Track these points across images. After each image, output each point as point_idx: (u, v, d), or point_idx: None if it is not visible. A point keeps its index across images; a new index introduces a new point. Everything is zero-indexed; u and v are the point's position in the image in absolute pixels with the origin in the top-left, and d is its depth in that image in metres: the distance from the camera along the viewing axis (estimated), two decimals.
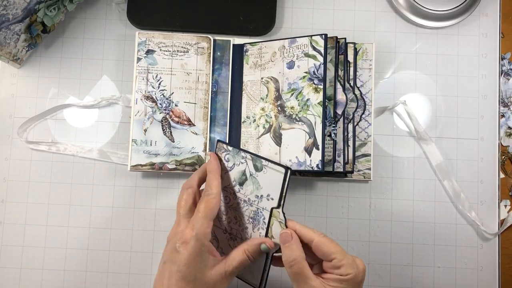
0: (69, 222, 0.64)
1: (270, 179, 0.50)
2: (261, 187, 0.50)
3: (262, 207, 0.50)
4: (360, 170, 0.62)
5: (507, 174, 0.65)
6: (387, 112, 0.65)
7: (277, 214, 0.49)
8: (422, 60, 0.66)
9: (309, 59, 0.59)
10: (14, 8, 0.57)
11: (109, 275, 0.63)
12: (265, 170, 0.50)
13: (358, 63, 0.63)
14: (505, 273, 0.63)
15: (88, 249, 0.63)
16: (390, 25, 0.67)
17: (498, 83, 0.66)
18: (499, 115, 0.65)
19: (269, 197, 0.50)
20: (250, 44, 0.63)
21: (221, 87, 0.63)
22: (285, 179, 0.49)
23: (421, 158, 0.65)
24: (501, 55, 0.66)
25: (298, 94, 0.59)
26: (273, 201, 0.50)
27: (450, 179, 0.63)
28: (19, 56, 0.63)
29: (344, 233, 0.64)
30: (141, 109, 0.62)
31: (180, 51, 0.63)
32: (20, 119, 0.65)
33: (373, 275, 0.63)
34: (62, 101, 0.65)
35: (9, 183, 0.64)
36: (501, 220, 0.64)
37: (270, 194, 0.50)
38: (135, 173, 0.64)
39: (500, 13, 0.67)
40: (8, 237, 0.63)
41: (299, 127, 0.59)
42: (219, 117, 0.63)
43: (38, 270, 0.63)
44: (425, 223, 0.64)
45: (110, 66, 0.66)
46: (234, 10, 0.65)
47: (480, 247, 0.63)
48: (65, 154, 0.64)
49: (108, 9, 0.67)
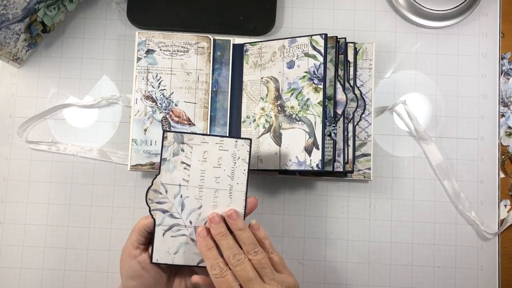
0: (69, 222, 0.64)
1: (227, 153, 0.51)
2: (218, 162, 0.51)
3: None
4: (360, 170, 0.62)
5: (507, 174, 0.65)
6: (387, 112, 0.65)
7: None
8: (422, 60, 0.66)
9: (309, 59, 0.59)
10: (14, 7, 0.57)
11: (109, 275, 0.63)
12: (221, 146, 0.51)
13: (358, 63, 0.63)
14: (505, 273, 0.63)
15: (88, 249, 0.63)
16: (390, 25, 0.67)
17: (498, 83, 0.66)
18: (499, 115, 0.65)
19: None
20: (250, 44, 0.63)
21: (221, 87, 0.63)
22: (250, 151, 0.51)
23: (421, 158, 0.65)
24: (501, 55, 0.66)
25: (298, 94, 0.59)
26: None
27: (450, 179, 0.63)
28: (19, 55, 0.63)
29: (344, 233, 0.64)
30: (141, 109, 0.62)
31: (180, 51, 0.63)
32: (20, 119, 0.65)
33: (373, 275, 0.63)
34: (62, 101, 0.65)
35: (9, 183, 0.64)
36: (501, 220, 0.64)
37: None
38: (135, 173, 0.64)
39: (500, 13, 0.67)
40: (8, 237, 0.63)
41: (299, 127, 0.59)
42: (219, 117, 0.63)
43: (38, 270, 0.63)
44: (425, 223, 0.64)
45: (110, 66, 0.66)
46: (234, 10, 0.65)
47: (480, 247, 0.63)
48: (65, 154, 0.64)
49: (108, 9, 0.67)
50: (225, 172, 0.51)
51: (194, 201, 0.51)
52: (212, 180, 0.51)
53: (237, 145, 0.51)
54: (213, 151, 0.51)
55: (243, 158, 0.51)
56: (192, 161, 0.51)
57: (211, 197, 0.51)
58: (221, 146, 0.51)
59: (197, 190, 0.51)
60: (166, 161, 0.50)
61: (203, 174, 0.51)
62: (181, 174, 0.51)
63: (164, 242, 0.50)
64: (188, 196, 0.51)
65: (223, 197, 0.51)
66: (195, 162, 0.51)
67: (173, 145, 0.50)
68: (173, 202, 0.50)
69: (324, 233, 0.64)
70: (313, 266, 0.63)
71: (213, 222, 0.49)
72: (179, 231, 0.50)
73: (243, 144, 0.51)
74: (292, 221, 0.64)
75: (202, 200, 0.51)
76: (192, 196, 0.51)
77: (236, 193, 0.51)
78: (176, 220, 0.50)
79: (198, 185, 0.51)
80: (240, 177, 0.51)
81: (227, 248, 0.48)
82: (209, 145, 0.51)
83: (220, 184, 0.51)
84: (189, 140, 0.51)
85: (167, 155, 0.50)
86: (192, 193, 0.51)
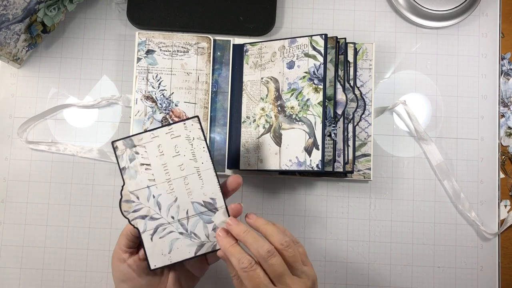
0: (69, 222, 0.64)
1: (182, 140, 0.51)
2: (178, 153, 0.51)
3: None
4: (360, 170, 0.62)
5: (507, 174, 0.65)
6: (387, 112, 0.65)
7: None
8: (422, 60, 0.66)
9: (309, 59, 0.59)
10: (14, 8, 0.57)
11: (109, 275, 0.63)
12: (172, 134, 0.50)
13: (358, 63, 0.63)
14: (505, 273, 0.63)
15: (88, 249, 0.63)
16: (390, 25, 0.67)
17: (498, 83, 0.66)
18: (499, 115, 0.65)
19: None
20: (250, 44, 0.63)
21: (221, 87, 0.63)
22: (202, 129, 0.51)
23: (421, 158, 0.65)
24: (501, 55, 0.66)
25: (298, 94, 0.59)
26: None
27: (450, 179, 0.63)
28: (19, 56, 0.63)
29: (344, 233, 0.64)
30: (141, 109, 0.62)
31: (180, 51, 0.63)
32: (20, 119, 0.65)
33: (373, 275, 0.63)
34: (62, 101, 0.65)
35: (9, 183, 0.64)
36: (501, 220, 0.64)
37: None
38: None
39: (500, 13, 0.67)
40: (8, 237, 0.63)
41: (299, 127, 0.59)
42: (219, 117, 0.63)
43: (38, 270, 0.63)
44: (425, 223, 0.64)
45: (110, 66, 0.66)
46: (234, 10, 0.65)
47: (480, 247, 0.63)
48: (65, 154, 0.64)
49: (108, 9, 0.67)
50: (186, 157, 0.50)
51: (168, 196, 0.50)
52: (176, 170, 0.50)
53: (187, 127, 0.50)
54: (166, 142, 0.50)
55: (198, 136, 0.51)
56: (151, 159, 0.50)
57: (182, 186, 0.50)
58: (172, 134, 0.50)
59: (167, 185, 0.50)
60: (126, 169, 0.50)
61: (165, 167, 0.50)
62: (145, 176, 0.50)
63: (155, 246, 0.50)
64: (161, 193, 0.50)
65: (194, 182, 0.50)
66: (154, 159, 0.50)
67: (126, 152, 0.50)
68: (148, 205, 0.50)
69: (324, 233, 0.64)
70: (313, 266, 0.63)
71: (233, 224, 0.48)
72: (165, 229, 0.50)
73: (192, 124, 0.50)
74: (292, 221, 0.64)
75: (175, 192, 0.50)
76: (164, 192, 0.50)
77: (204, 172, 0.50)
78: (158, 221, 0.50)
79: (166, 180, 0.50)
80: (202, 156, 0.50)
81: (254, 242, 0.46)
82: (160, 138, 0.50)
83: (186, 170, 0.50)
84: (140, 141, 0.50)
85: (124, 163, 0.50)
86: (163, 190, 0.50)
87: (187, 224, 0.50)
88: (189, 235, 0.50)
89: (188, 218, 0.50)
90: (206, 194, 0.50)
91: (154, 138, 0.50)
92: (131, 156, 0.50)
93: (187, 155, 0.50)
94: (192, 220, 0.50)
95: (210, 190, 0.50)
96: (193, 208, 0.50)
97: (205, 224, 0.50)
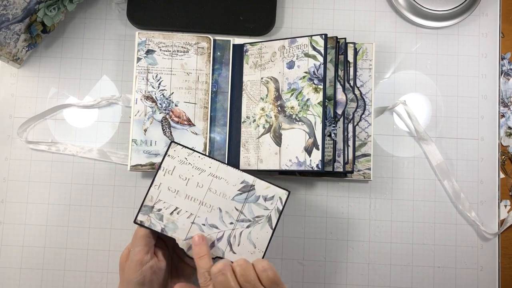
0: (69, 222, 0.64)
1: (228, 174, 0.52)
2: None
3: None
4: (360, 170, 0.62)
5: (507, 174, 0.65)
6: (387, 112, 0.65)
7: None
8: (422, 60, 0.66)
9: (309, 59, 0.59)
10: (14, 8, 0.57)
11: (109, 275, 0.63)
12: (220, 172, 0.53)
13: (358, 63, 0.63)
14: (505, 273, 0.63)
15: (88, 249, 0.63)
16: (390, 25, 0.67)
17: (498, 83, 0.66)
18: (499, 115, 0.65)
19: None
20: (250, 44, 0.63)
21: (221, 87, 0.63)
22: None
23: (421, 158, 0.65)
24: (501, 55, 0.66)
25: (298, 94, 0.59)
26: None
27: (450, 179, 0.63)
28: (19, 56, 0.63)
29: (344, 233, 0.64)
30: (141, 109, 0.62)
31: (180, 51, 0.63)
32: (20, 119, 0.65)
33: (373, 275, 0.63)
34: (62, 101, 0.65)
35: (9, 183, 0.64)
36: (501, 220, 0.64)
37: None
38: (135, 173, 0.64)
39: (500, 13, 0.67)
40: (8, 237, 0.63)
41: (299, 127, 0.59)
42: (219, 117, 0.63)
43: (38, 270, 0.63)
44: (425, 223, 0.64)
45: (110, 66, 0.66)
46: (234, 10, 0.65)
47: (480, 247, 0.63)
48: (65, 154, 0.64)
49: (108, 9, 0.67)
50: (194, 176, 0.53)
51: (213, 213, 0.53)
52: (198, 191, 0.53)
53: (173, 156, 0.53)
54: (170, 180, 0.53)
55: (187, 154, 0.53)
56: (172, 202, 0.53)
57: (213, 196, 0.53)
58: (168, 171, 0.53)
59: (204, 208, 0.53)
60: (165, 228, 0.52)
61: (189, 197, 0.53)
62: (182, 218, 0.52)
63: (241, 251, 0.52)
64: (206, 217, 0.53)
65: (218, 185, 0.53)
66: (174, 200, 0.53)
67: (150, 218, 0.52)
68: (207, 234, 0.52)
69: (324, 233, 0.64)
70: (313, 266, 0.63)
71: (197, 242, 0.51)
72: (237, 234, 0.52)
73: (174, 150, 0.53)
74: (292, 221, 0.64)
75: (214, 206, 0.53)
76: (207, 214, 0.53)
77: (218, 171, 0.53)
78: (224, 236, 0.52)
79: (199, 205, 0.53)
80: (205, 163, 0.53)
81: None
82: (163, 183, 0.53)
83: (204, 184, 0.53)
84: (152, 200, 0.53)
85: (159, 227, 0.52)
86: (204, 213, 0.53)
87: (246, 215, 0.52)
88: (255, 221, 0.52)
89: (241, 211, 0.52)
90: (235, 184, 0.52)
91: (159, 187, 0.52)
92: (158, 217, 0.52)
93: (194, 174, 0.52)
94: (245, 210, 0.52)
95: (234, 178, 0.52)
96: (237, 202, 0.52)
97: (255, 202, 0.52)
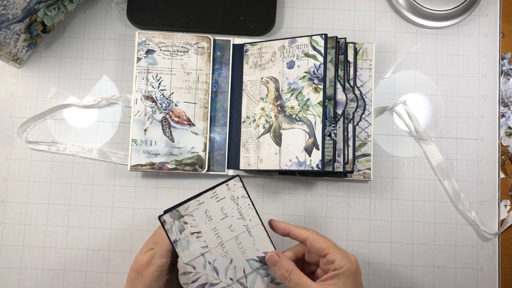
0: (69, 222, 0.64)
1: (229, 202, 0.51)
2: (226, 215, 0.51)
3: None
4: (360, 170, 0.62)
5: (507, 174, 0.65)
6: (387, 112, 0.65)
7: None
8: (422, 60, 0.66)
9: (309, 59, 0.59)
10: (14, 8, 0.57)
11: (109, 275, 0.63)
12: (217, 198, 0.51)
13: (358, 63, 0.63)
14: (505, 273, 0.63)
15: (88, 249, 0.63)
16: (390, 25, 0.67)
17: (498, 83, 0.66)
18: (499, 115, 0.65)
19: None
20: (250, 44, 0.63)
21: (221, 87, 0.63)
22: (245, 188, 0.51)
23: (421, 158, 0.65)
24: (501, 55, 0.66)
25: (298, 94, 0.59)
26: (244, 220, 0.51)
27: (450, 179, 0.63)
28: (19, 56, 0.63)
29: (344, 233, 0.64)
30: (141, 109, 0.62)
31: (180, 51, 0.63)
32: (20, 119, 0.65)
33: (373, 275, 0.63)
34: (62, 101, 0.65)
35: (9, 183, 0.64)
36: (501, 220, 0.64)
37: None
38: (135, 173, 0.64)
39: (500, 13, 0.67)
40: (8, 237, 0.63)
41: (299, 127, 0.59)
42: (219, 117, 0.63)
43: (38, 270, 0.63)
44: (425, 223, 0.64)
45: (110, 66, 0.66)
46: (234, 10, 0.65)
47: (480, 247, 0.63)
48: (65, 154, 0.64)
49: (108, 9, 0.67)
50: (234, 217, 0.51)
51: (223, 259, 0.50)
52: (227, 232, 0.50)
53: (230, 188, 0.51)
54: (212, 206, 0.50)
55: (242, 195, 0.51)
56: (200, 226, 0.50)
57: (235, 246, 0.51)
58: (217, 197, 0.50)
59: (220, 248, 0.50)
60: (178, 241, 0.50)
61: (216, 231, 0.50)
62: (198, 244, 0.50)
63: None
64: (215, 258, 0.50)
65: (245, 240, 0.51)
66: (203, 225, 0.50)
67: (174, 224, 0.50)
68: (206, 272, 0.50)
69: (324, 233, 0.63)
70: None
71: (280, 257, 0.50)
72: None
73: (234, 184, 0.51)
74: (292, 221, 0.64)
75: (229, 254, 0.51)
76: (219, 256, 0.50)
77: (254, 229, 0.51)
78: (218, 285, 0.50)
79: (219, 243, 0.50)
80: (249, 213, 0.51)
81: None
82: (206, 203, 0.50)
83: (236, 230, 0.51)
84: (186, 210, 0.50)
85: (174, 236, 0.50)
86: (217, 254, 0.50)
87: (246, 282, 0.51)
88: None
89: (246, 276, 0.51)
90: (259, 250, 0.51)
91: (200, 204, 0.50)
92: (180, 227, 0.50)
93: (234, 215, 0.51)
94: (250, 277, 0.51)
95: (262, 245, 0.51)
96: (249, 266, 0.51)
97: (263, 278, 0.51)
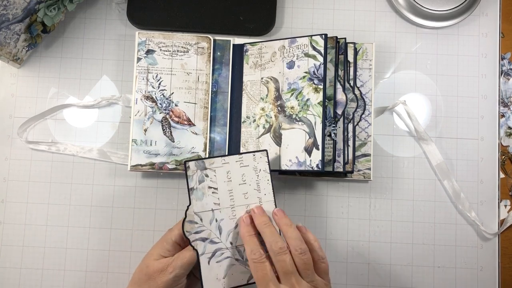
0: (69, 222, 0.64)
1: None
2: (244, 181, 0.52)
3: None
4: (360, 170, 0.62)
5: (507, 174, 0.65)
6: (387, 112, 0.65)
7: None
8: (422, 60, 0.66)
9: (309, 59, 0.59)
10: (14, 8, 0.57)
11: (109, 275, 0.63)
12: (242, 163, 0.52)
13: (358, 63, 0.63)
14: (505, 273, 0.63)
15: (88, 249, 0.63)
16: (390, 25, 0.67)
17: (498, 83, 0.66)
18: (499, 115, 0.65)
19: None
20: (250, 44, 0.63)
21: (221, 87, 0.63)
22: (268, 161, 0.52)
23: (421, 158, 0.65)
24: (501, 55, 0.66)
25: (298, 94, 0.59)
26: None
27: (450, 179, 0.63)
28: (19, 56, 0.63)
29: (344, 233, 0.64)
30: (141, 109, 0.62)
31: (180, 51, 0.63)
32: (20, 119, 0.65)
33: (373, 275, 0.63)
34: (62, 101, 0.65)
35: (9, 183, 0.64)
36: (501, 220, 0.64)
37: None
38: (135, 173, 0.64)
39: (500, 13, 0.67)
40: (8, 237, 0.63)
41: (299, 127, 0.59)
42: (219, 117, 0.63)
43: (38, 270, 0.63)
44: (425, 223, 0.64)
45: (110, 66, 0.66)
46: (234, 10, 0.65)
47: (480, 247, 0.63)
48: (65, 154, 0.64)
49: (108, 9, 0.67)
50: (251, 186, 0.52)
51: (230, 222, 0.51)
52: (241, 197, 0.52)
53: (256, 158, 0.52)
54: (235, 169, 0.52)
55: (264, 169, 0.52)
56: (219, 183, 0.51)
57: (244, 213, 0.51)
58: (241, 163, 0.52)
59: (230, 211, 0.51)
60: (194, 190, 0.51)
61: (231, 193, 0.51)
62: (211, 199, 0.51)
63: (211, 270, 0.50)
64: (223, 218, 0.51)
65: None
66: (222, 184, 0.51)
67: (196, 173, 0.51)
68: (210, 228, 0.51)
69: (324, 233, 0.64)
70: None
71: (258, 213, 0.50)
72: (223, 254, 0.51)
73: (261, 156, 0.52)
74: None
75: (236, 219, 0.51)
76: (227, 217, 0.51)
77: (266, 204, 0.52)
78: (217, 245, 0.51)
79: (230, 205, 0.51)
80: (266, 188, 0.52)
81: (270, 236, 0.48)
82: (230, 164, 0.52)
83: (249, 199, 0.52)
84: (211, 164, 0.51)
85: (193, 184, 0.51)
86: (226, 215, 0.51)
87: (243, 251, 0.51)
88: (244, 263, 0.51)
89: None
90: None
91: (224, 164, 0.52)
92: (201, 178, 0.51)
93: (252, 185, 0.52)
94: None
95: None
96: None
97: None
